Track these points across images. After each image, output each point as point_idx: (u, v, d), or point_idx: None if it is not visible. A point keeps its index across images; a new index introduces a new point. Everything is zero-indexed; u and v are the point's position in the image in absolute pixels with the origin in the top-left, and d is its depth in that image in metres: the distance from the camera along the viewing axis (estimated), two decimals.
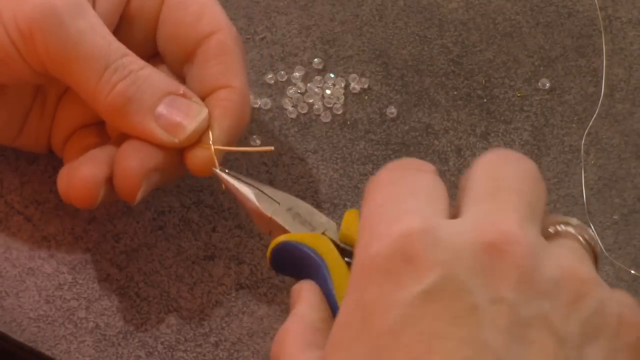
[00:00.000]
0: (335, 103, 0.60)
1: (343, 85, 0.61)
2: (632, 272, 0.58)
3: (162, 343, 0.54)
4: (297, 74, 0.61)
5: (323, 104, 0.60)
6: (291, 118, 0.60)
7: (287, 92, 0.61)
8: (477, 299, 0.36)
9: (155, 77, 0.51)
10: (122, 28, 0.53)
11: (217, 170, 0.51)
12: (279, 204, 0.51)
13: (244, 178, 0.52)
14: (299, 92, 0.61)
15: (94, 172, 0.51)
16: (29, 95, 0.54)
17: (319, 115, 0.60)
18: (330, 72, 0.61)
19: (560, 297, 0.37)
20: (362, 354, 0.37)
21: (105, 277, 0.55)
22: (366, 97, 0.61)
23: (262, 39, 0.62)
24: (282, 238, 0.49)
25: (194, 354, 0.54)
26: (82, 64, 0.49)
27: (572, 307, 0.37)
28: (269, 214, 0.50)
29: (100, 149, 0.52)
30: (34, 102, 0.54)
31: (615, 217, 0.59)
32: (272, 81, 0.61)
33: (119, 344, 0.54)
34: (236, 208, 0.57)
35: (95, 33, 0.49)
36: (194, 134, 0.51)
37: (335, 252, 0.47)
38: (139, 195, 0.51)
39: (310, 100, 0.60)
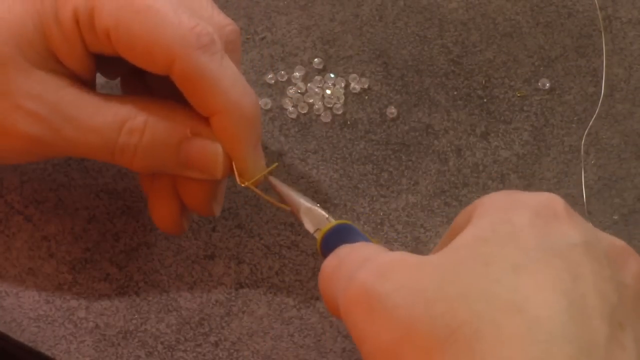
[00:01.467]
0: (335, 103, 0.60)
1: (343, 85, 0.61)
2: None
3: (162, 343, 0.54)
4: (297, 74, 0.61)
5: (323, 104, 0.60)
6: (291, 118, 0.60)
7: (287, 92, 0.61)
8: (612, 272, 0.41)
9: (161, 134, 0.50)
10: (102, 62, 0.52)
11: (272, 179, 0.52)
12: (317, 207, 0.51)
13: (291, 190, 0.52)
14: (299, 92, 0.61)
15: (170, 209, 0.52)
16: None
17: (319, 115, 0.60)
18: (331, 72, 0.61)
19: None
20: (515, 256, 0.40)
21: (105, 277, 0.55)
22: (366, 97, 0.61)
23: (262, 39, 0.62)
24: (339, 221, 0.49)
25: (194, 354, 0.54)
26: (88, 156, 0.50)
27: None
28: (324, 212, 0.51)
29: (160, 179, 0.52)
30: None
31: (615, 217, 0.59)
32: (272, 81, 0.61)
33: (119, 344, 0.54)
34: (236, 208, 0.57)
35: (83, 130, 0.49)
36: (224, 170, 0.51)
37: None
38: (217, 208, 0.53)
39: (311, 100, 0.60)
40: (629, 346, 0.39)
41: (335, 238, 0.48)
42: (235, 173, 0.51)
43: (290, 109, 0.60)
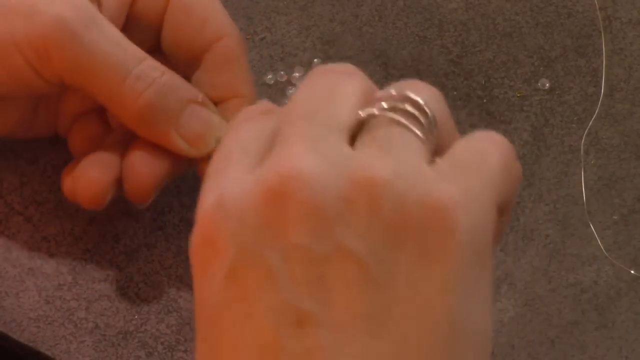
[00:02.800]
0: None
1: None
2: (632, 272, 0.58)
3: (162, 343, 0.54)
4: (297, 74, 0.61)
5: None
6: None
7: (287, 93, 0.60)
8: (270, 260, 0.34)
9: (177, 84, 0.51)
10: (127, 30, 0.53)
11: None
12: None
13: None
14: None
15: (100, 176, 0.51)
16: (36, 96, 0.54)
17: None
18: None
19: (353, 214, 0.34)
20: (203, 352, 0.37)
21: (105, 278, 0.55)
22: None
23: (262, 39, 0.62)
24: None
25: (194, 354, 0.54)
26: (101, 74, 0.49)
27: (369, 219, 0.34)
28: None
29: (106, 150, 0.52)
30: (39, 98, 0.54)
31: (615, 217, 0.59)
32: (272, 81, 0.61)
33: (119, 344, 0.54)
34: None
35: (109, 41, 0.49)
36: (215, 147, 0.51)
37: None
38: (150, 199, 0.51)
39: None
40: None
41: None
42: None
43: None
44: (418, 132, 0.37)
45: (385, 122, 0.37)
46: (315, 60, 0.61)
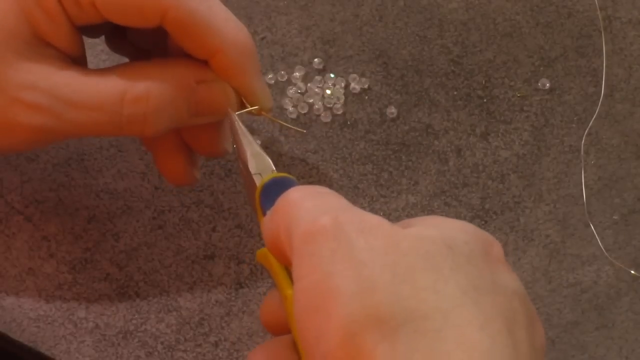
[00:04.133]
0: (335, 103, 0.60)
1: (343, 85, 0.61)
2: (632, 272, 0.58)
3: (162, 343, 0.54)
4: (297, 74, 0.61)
5: (323, 104, 0.60)
6: (291, 118, 0.60)
7: (288, 92, 0.61)
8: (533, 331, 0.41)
9: (166, 94, 0.49)
10: (88, 30, 0.52)
11: (233, 116, 0.51)
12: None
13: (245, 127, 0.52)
14: (299, 92, 0.61)
15: (177, 161, 0.52)
16: None
17: (319, 115, 0.60)
18: (330, 72, 0.61)
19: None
20: (469, 275, 0.40)
21: (105, 277, 0.55)
22: (366, 97, 0.61)
23: (262, 39, 0.62)
24: (278, 174, 0.48)
25: (194, 354, 0.54)
26: (97, 134, 0.49)
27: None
28: (270, 160, 0.50)
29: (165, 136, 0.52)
30: None
31: (615, 217, 0.59)
32: (273, 81, 0.61)
33: (119, 344, 0.54)
34: (236, 208, 0.57)
35: (86, 109, 0.48)
36: (237, 104, 0.51)
37: None
38: (228, 146, 0.53)
39: (311, 100, 0.60)
40: None
41: (273, 190, 0.46)
42: (246, 104, 0.51)
43: (290, 109, 0.60)
44: None
45: None
46: (316, 59, 0.61)
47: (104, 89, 0.48)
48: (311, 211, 0.41)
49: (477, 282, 0.39)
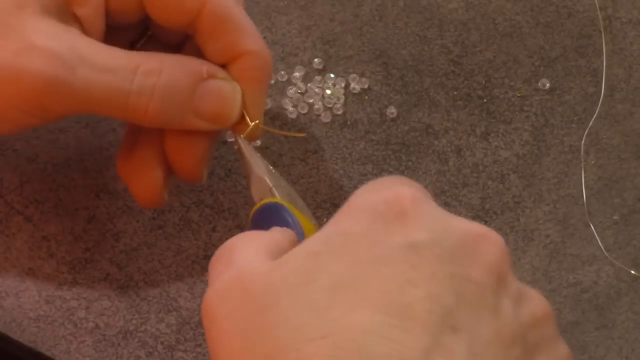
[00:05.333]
0: (335, 103, 0.60)
1: (343, 85, 0.61)
2: (632, 272, 0.58)
3: (162, 343, 0.54)
4: (297, 74, 0.61)
5: (323, 104, 0.60)
6: (291, 118, 0.60)
7: (287, 92, 0.61)
8: (456, 269, 0.39)
9: (177, 74, 0.50)
10: (110, 17, 0.52)
11: (234, 134, 0.52)
12: (281, 185, 0.51)
13: (252, 148, 0.52)
14: (299, 92, 0.61)
15: (154, 179, 0.51)
16: None
17: (319, 115, 0.60)
18: (330, 72, 0.61)
19: (523, 307, 0.41)
20: (338, 273, 0.38)
21: (105, 277, 0.55)
22: (366, 97, 0.61)
23: (263, 38, 0.62)
24: (274, 199, 0.49)
25: (194, 354, 0.54)
26: (102, 102, 0.49)
27: (530, 324, 0.41)
28: (270, 184, 0.50)
29: (145, 144, 0.52)
30: None
31: (615, 217, 0.59)
32: (272, 81, 0.61)
33: (119, 344, 0.54)
34: (236, 208, 0.57)
35: (99, 71, 0.48)
36: (237, 114, 0.51)
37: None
38: (205, 173, 0.52)
39: (311, 100, 0.60)
40: (459, 350, 0.37)
41: (265, 216, 0.48)
42: (246, 115, 0.51)
43: (290, 109, 0.60)
44: None
45: None
46: (316, 59, 0.61)
47: (121, 57, 0.49)
48: (209, 283, 0.42)
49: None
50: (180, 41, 0.54)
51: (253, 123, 0.51)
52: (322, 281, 0.38)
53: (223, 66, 0.52)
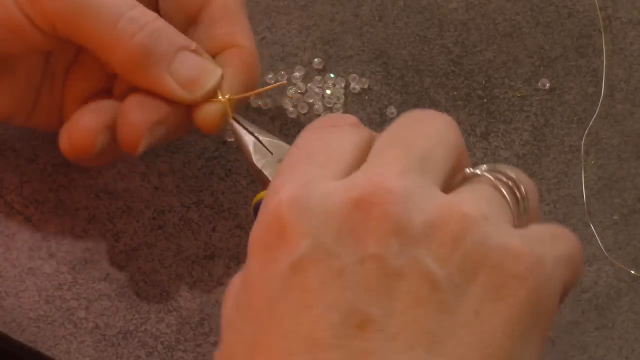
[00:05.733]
0: (335, 103, 0.60)
1: (343, 85, 0.61)
2: (632, 272, 0.58)
3: (162, 343, 0.54)
4: (297, 74, 0.61)
5: (323, 104, 0.60)
6: (291, 118, 0.60)
7: (287, 92, 0.61)
8: (344, 261, 0.36)
9: (170, 30, 0.51)
10: None
11: (232, 121, 0.52)
12: (271, 154, 0.51)
13: (249, 126, 0.52)
14: (299, 92, 0.61)
15: (92, 119, 0.51)
16: (38, 71, 0.53)
17: (319, 115, 0.60)
18: (330, 72, 0.61)
19: (436, 239, 0.36)
20: (248, 333, 0.37)
21: (105, 277, 0.55)
22: (366, 97, 0.61)
23: (262, 39, 0.62)
24: (263, 194, 0.48)
25: (194, 354, 0.54)
26: (93, 17, 0.49)
27: (450, 247, 0.36)
28: (259, 165, 0.50)
29: (102, 101, 0.52)
30: (43, 78, 0.54)
31: (615, 217, 0.59)
32: (272, 81, 0.61)
33: (119, 344, 0.54)
34: (236, 208, 0.57)
35: None
36: (210, 91, 0.51)
37: None
38: (141, 147, 0.51)
39: (311, 100, 0.60)
40: (374, 347, 0.35)
41: None
42: (219, 93, 0.51)
43: (290, 109, 0.60)
44: (511, 205, 0.39)
45: (486, 182, 0.40)
46: (316, 59, 0.61)
47: None
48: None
49: None
50: None
51: (225, 98, 0.51)
52: (240, 353, 0.37)
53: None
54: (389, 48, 0.62)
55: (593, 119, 0.61)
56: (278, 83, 0.58)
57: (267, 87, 0.56)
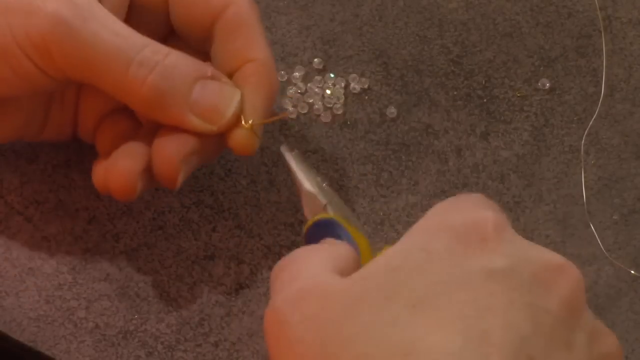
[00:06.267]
0: (335, 103, 0.60)
1: (343, 85, 0.61)
2: (632, 272, 0.58)
3: (162, 343, 0.54)
4: (297, 74, 0.61)
5: (323, 104, 0.60)
6: (291, 118, 0.60)
7: (287, 92, 0.61)
8: (532, 299, 0.39)
9: (183, 63, 0.50)
10: (133, 12, 0.53)
11: (283, 150, 0.52)
12: (334, 201, 0.51)
13: (304, 164, 0.52)
14: (299, 92, 0.61)
15: (131, 165, 0.51)
16: (48, 92, 0.53)
17: (319, 115, 0.60)
18: (330, 72, 0.61)
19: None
20: (419, 290, 0.38)
21: (105, 277, 0.55)
22: (366, 97, 0.61)
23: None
24: (327, 215, 0.49)
25: (194, 354, 0.54)
26: (103, 65, 0.49)
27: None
28: (324, 200, 0.50)
29: (136, 141, 0.52)
30: (53, 97, 0.54)
31: (615, 217, 0.59)
32: None
33: (119, 344, 0.54)
34: (236, 208, 0.57)
35: (109, 32, 0.49)
36: (231, 118, 0.51)
37: (368, 251, 0.47)
38: (180, 180, 0.51)
39: (310, 100, 0.60)
40: None
41: (319, 232, 0.48)
42: (242, 118, 0.51)
43: (290, 109, 0.60)
44: None
45: None
46: (316, 59, 0.61)
47: (134, 32, 0.49)
48: (274, 291, 0.42)
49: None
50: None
51: (248, 123, 0.51)
52: (403, 298, 0.38)
53: (230, 76, 0.52)
54: (389, 48, 0.62)
55: (593, 119, 0.61)
56: (281, 115, 0.57)
57: (274, 117, 0.55)
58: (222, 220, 0.57)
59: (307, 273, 0.42)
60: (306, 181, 0.51)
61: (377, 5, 0.63)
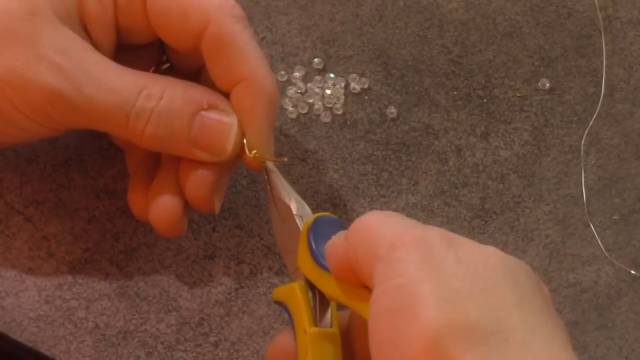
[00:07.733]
0: (335, 103, 0.60)
1: (343, 85, 0.61)
2: (632, 272, 0.58)
3: (162, 343, 0.54)
4: (297, 74, 0.61)
5: (323, 104, 0.60)
6: (291, 118, 0.60)
7: (287, 92, 0.61)
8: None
9: (178, 101, 0.50)
10: (123, 40, 0.53)
11: (268, 165, 0.52)
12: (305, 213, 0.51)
13: (284, 181, 0.52)
14: (299, 92, 0.61)
15: (175, 204, 0.52)
16: None
17: (319, 115, 0.60)
18: (330, 72, 0.61)
19: None
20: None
21: (105, 277, 0.55)
22: (366, 97, 0.61)
23: (262, 39, 0.62)
24: (318, 214, 0.48)
25: (194, 354, 0.54)
26: (104, 122, 0.50)
27: None
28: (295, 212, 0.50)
29: (168, 170, 0.53)
30: None
31: (615, 217, 0.59)
32: None
33: (119, 344, 0.54)
34: (236, 208, 0.57)
35: (104, 90, 0.49)
36: (235, 148, 0.51)
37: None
38: (217, 205, 0.52)
39: (310, 100, 0.60)
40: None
41: (325, 227, 0.48)
42: (245, 146, 0.51)
43: (290, 109, 0.60)
44: None
45: None
46: (316, 59, 0.61)
47: (127, 78, 0.50)
48: (396, 226, 0.42)
49: (548, 308, 0.40)
50: (196, 69, 0.54)
51: (252, 154, 0.51)
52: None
53: (228, 94, 0.52)
54: (389, 48, 0.62)
55: (593, 119, 0.61)
56: (280, 159, 0.55)
57: (276, 159, 0.54)
58: (222, 220, 0.57)
59: (433, 227, 0.43)
60: (293, 192, 0.51)
61: (377, 5, 0.63)
